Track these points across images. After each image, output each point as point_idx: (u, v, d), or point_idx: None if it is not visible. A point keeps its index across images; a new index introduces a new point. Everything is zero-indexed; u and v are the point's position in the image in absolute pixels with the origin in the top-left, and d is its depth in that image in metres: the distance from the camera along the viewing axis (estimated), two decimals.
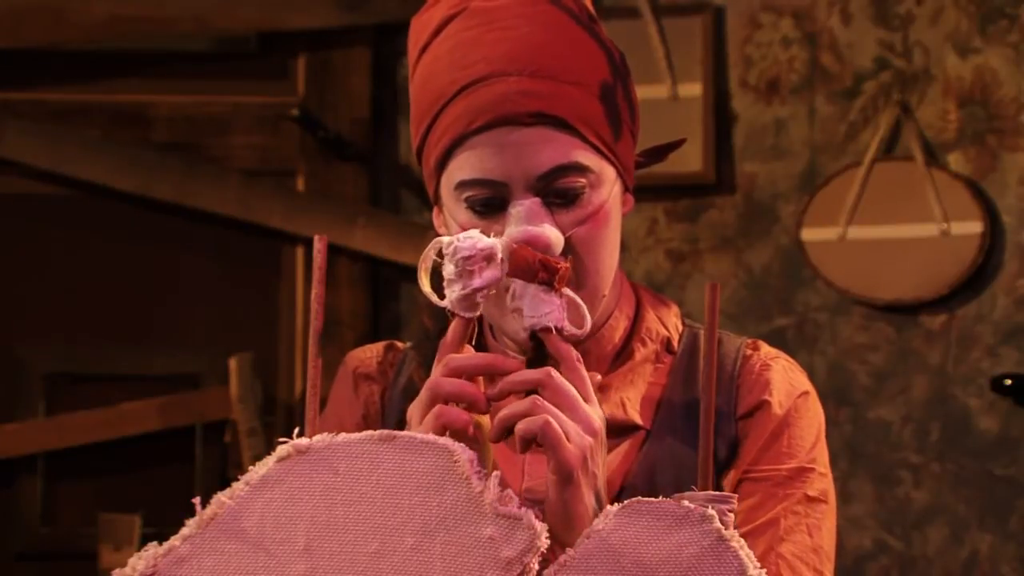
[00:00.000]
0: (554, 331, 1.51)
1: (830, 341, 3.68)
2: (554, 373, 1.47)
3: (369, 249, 3.89)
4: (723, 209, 3.77)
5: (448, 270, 1.49)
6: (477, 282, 1.49)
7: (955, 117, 3.63)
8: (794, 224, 3.69)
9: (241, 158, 3.94)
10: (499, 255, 1.49)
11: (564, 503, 1.45)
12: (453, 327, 1.52)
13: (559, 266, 1.52)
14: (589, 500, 1.47)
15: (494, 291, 1.51)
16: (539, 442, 1.44)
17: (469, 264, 1.48)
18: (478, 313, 1.52)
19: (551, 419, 1.44)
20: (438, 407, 1.47)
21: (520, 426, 1.44)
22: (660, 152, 1.73)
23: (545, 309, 1.51)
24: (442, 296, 1.52)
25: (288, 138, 3.94)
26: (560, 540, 1.45)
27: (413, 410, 1.51)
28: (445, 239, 1.50)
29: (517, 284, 1.51)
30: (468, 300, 1.50)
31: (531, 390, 1.48)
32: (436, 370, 1.50)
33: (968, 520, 3.58)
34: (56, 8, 3.88)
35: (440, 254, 1.51)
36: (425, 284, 1.51)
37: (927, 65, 3.66)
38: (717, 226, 3.77)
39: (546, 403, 1.45)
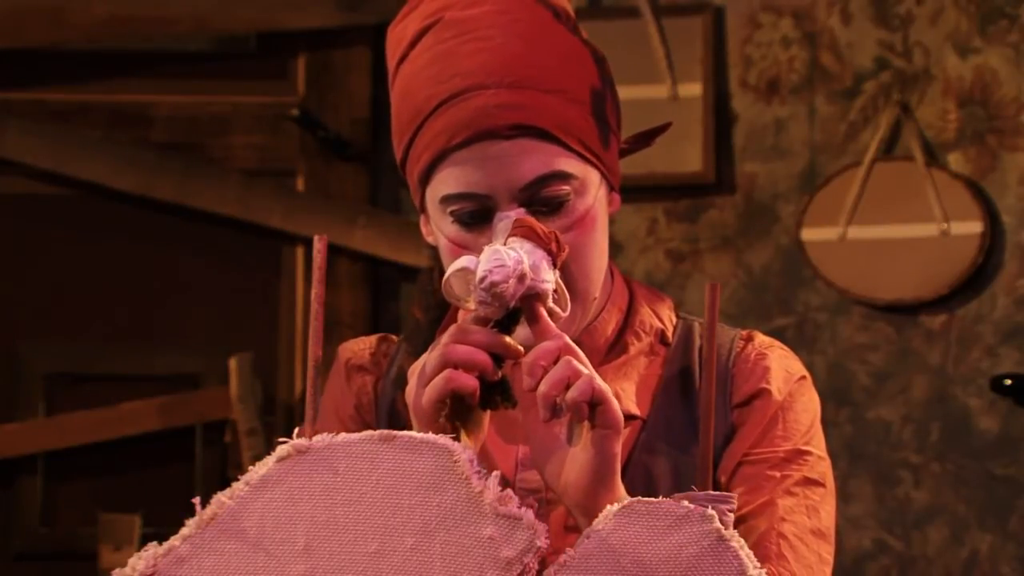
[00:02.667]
0: (543, 303, 1.50)
1: (830, 341, 3.68)
2: (567, 338, 1.47)
3: (369, 249, 3.89)
4: (723, 209, 3.77)
5: (480, 295, 1.47)
6: (512, 301, 1.48)
7: (955, 117, 3.62)
8: (794, 224, 3.69)
9: (241, 158, 3.94)
10: (528, 273, 1.48)
11: (606, 458, 1.45)
12: (474, 317, 1.50)
13: (565, 246, 1.53)
14: None
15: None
16: (592, 402, 1.43)
17: (504, 289, 1.46)
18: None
19: (593, 376, 1.44)
20: (448, 371, 1.46)
21: (572, 394, 1.43)
22: (646, 137, 1.73)
23: (544, 277, 1.50)
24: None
25: (288, 138, 3.94)
26: (590, 504, 1.44)
27: (414, 370, 1.51)
28: (471, 265, 1.48)
29: (527, 244, 1.51)
30: (501, 310, 1.49)
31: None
32: (446, 337, 1.49)
33: (968, 520, 3.58)
34: (56, 8, 3.88)
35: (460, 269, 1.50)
36: (453, 298, 1.51)
37: (927, 65, 3.65)
38: (717, 226, 3.77)
39: (578, 364, 1.45)
